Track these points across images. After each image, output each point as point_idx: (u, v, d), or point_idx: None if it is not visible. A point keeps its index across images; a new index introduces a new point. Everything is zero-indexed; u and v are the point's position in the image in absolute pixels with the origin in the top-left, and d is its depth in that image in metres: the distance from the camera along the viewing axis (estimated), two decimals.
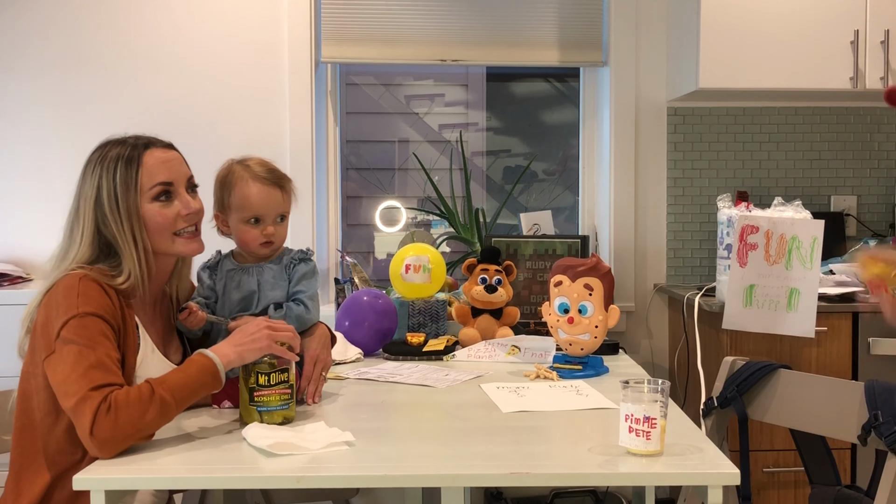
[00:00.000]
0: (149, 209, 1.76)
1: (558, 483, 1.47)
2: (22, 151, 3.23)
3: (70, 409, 1.56)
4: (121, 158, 1.75)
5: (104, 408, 1.52)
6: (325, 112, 3.45)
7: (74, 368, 1.58)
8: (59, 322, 1.63)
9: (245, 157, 1.97)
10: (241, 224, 1.92)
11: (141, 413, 1.54)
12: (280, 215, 1.95)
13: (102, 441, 1.51)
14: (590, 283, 2.15)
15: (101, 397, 1.53)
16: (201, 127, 3.24)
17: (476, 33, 3.38)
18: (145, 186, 1.75)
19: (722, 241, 2.86)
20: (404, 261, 2.52)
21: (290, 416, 1.72)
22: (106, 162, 1.75)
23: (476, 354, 2.38)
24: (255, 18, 3.28)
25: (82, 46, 3.25)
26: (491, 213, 3.46)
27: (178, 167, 1.81)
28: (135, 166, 1.74)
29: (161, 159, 1.78)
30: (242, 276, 1.95)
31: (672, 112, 3.40)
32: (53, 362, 1.61)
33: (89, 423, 1.51)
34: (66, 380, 1.57)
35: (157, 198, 1.76)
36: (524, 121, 3.95)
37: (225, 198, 1.93)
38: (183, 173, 1.82)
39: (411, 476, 1.48)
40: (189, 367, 1.64)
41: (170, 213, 1.77)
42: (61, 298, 1.65)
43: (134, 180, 1.74)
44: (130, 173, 1.74)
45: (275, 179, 1.93)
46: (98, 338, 1.62)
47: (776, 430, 2.74)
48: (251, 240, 1.93)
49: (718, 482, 1.41)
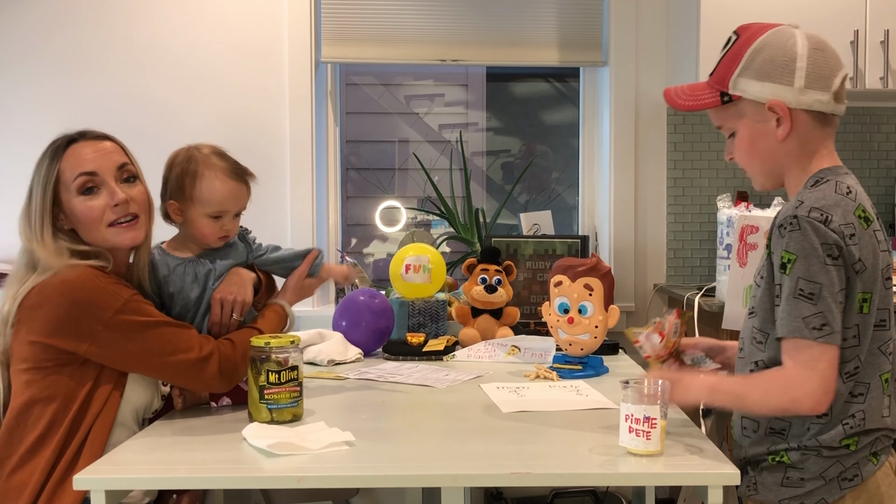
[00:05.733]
0: (76, 203, 1.73)
1: (558, 483, 1.47)
2: (21, 151, 3.22)
3: (187, 371, 1.74)
4: (45, 155, 1.75)
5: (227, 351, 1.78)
6: (325, 112, 3.45)
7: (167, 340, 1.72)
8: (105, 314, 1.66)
9: (201, 145, 1.92)
10: (202, 217, 1.89)
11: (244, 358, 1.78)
12: (240, 211, 1.94)
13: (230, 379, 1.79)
14: (590, 283, 2.15)
15: (215, 349, 1.77)
16: (201, 127, 3.24)
17: (476, 33, 3.38)
18: (68, 180, 1.73)
19: (722, 241, 2.86)
20: (404, 261, 2.52)
21: (300, 414, 1.73)
22: (38, 161, 1.76)
23: (476, 354, 2.38)
24: (255, 19, 3.28)
25: (81, 47, 3.24)
26: (491, 213, 3.46)
27: (104, 157, 1.76)
28: (56, 161, 1.73)
29: (85, 151, 1.75)
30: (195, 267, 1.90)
31: (672, 112, 3.40)
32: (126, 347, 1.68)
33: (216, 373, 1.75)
34: (165, 352, 1.71)
35: (81, 191, 1.73)
36: (524, 121, 3.95)
37: (187, 187, 1.87)
38: (112, 163, 1.76)
39: (411, 476, 1.48)
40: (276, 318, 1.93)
41: (96, 205, 1.74)
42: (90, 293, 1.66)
43: (54, 175, 1.72)
44: (52, 168, 1.73)
45: (241, 175, 1.92)
46: (151, 308, 1.74)
47: None
48: (210, 233, 1.90)
49: (718, 482, 1.41)
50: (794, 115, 1.52)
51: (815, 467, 1.49)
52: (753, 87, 1.54)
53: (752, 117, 1.55)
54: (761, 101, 1.53)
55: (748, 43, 1.55)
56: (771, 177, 1.61)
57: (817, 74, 1.51)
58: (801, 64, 1.51)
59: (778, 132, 1.53)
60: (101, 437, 1.70)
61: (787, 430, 1.52)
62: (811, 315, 1.42)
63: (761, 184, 1.63)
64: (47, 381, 1.70)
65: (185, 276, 1.89)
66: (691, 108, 1.62)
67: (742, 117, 1.57)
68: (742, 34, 1.58)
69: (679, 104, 1.63)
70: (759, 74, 1.53)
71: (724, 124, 1.61)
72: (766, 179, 1.61)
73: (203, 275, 1.89)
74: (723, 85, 1.57)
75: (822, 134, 1.55)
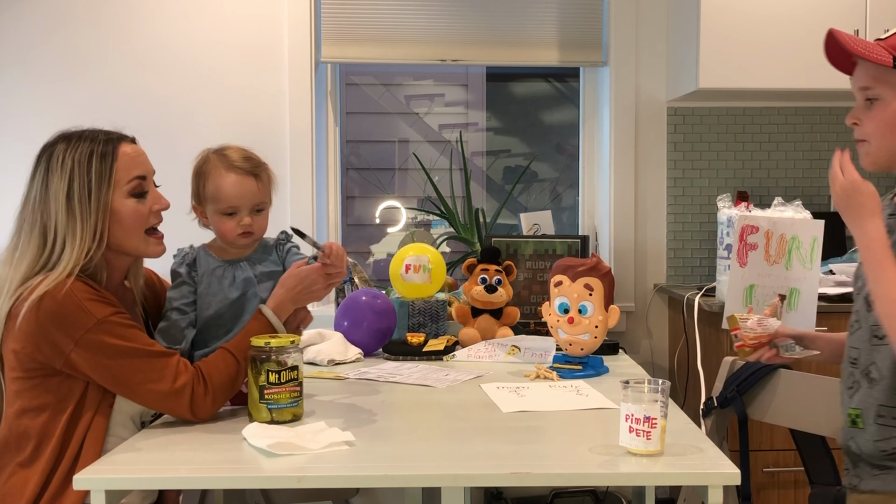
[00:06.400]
0: (124, 204, 1.72)
1: (558, 483, 1.47)
2: (20, 151, 3.22)
3: (158, 401, 1.67)
4: (94, 153, 1.70)
5: (200, 391, 1.68)
6: (325, 112, 3.45)
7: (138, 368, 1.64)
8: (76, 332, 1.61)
9: (223, 146, 1.92)
10: (217, 215, 1.89)
11: (232, 384, 1.73)
12: (257, 206, 1.90)
13: (204, 416, 1.69)
14: (590, 283, 2.15)
15: (190, 382, 1.66)
16: (201, 127, 3.24)
17: (476, 33, 3.38)
18: (122, 181, 1.71)
19: (722, 241, 2.86)
20: (404, 261, 2.52)
21: (299, 414, 1.72)
22: (77, 156, 1.69)
23: (476, 354, 2.37)
24: (255, 18, 3.28)
25: (80, 46, 3.25)
26: (491, 213, 3.46)
27: (147, 162, 1.78)
28: (109, 160, 1.70)
29: (133, 153, 1.75)
30: (234, 271, 1.90)
31: (672, 112, 3.40)
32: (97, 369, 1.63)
33: (188, 408, 1.66)
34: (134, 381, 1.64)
35: (132, 193, 1.73)
36: (524, 121, 3.95)
37: (200, 188, 1.88)
38: (151, 169, 1.79)
39: (411, 476, 1.48)
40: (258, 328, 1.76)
41: (144, 208, 1.74)
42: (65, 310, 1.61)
43: (108, 175, 1.69)
44: (105, 167, 1.69)
45: (249, 168, 1.88)
46: (129, 331, 1.67)
47: (776, 430, 2.74)
48: (228, 231, 1.89)
49: (718, 482, 1.41)
50: None
51: None
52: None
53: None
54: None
55: None
56: (891, 156, 1.60)
57: None
58: None
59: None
60: (96, 447, 1.69)
61: None
62: None
63: (875, 160, 1.63)
64: (35, 392, 1.68)
65: (223, 278, 1.90)
66: (861, 54, 1.59)
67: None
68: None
69: (852, 46, 1.60)
70: None
71: (875, 87, 1.60)
72: (884, 157, 1.61)
73: (241, 280, 1.89)
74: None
75: None
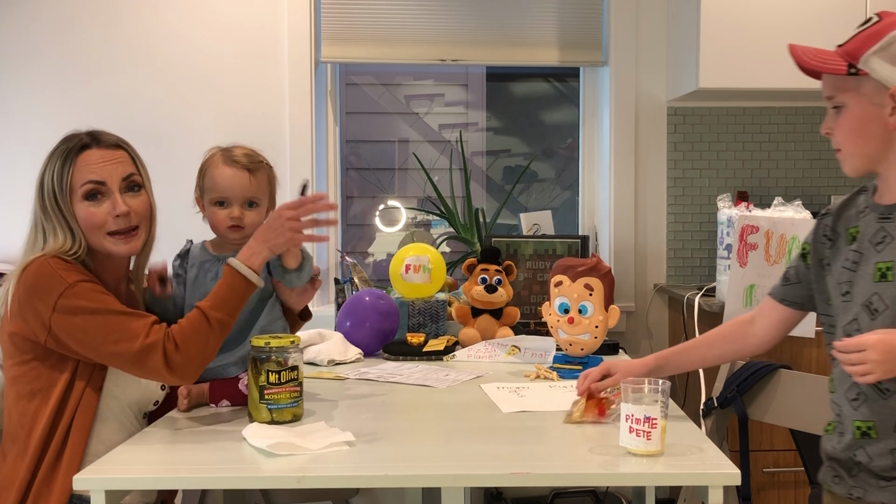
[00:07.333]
0: (79, 208, 1.76)
1: (558, 483, 1.47)
2: (20, 151, 3.23)
3: (131, 360, 1.65)
4: (60, 154, 1.77)
5: (171, 347, 1.65)
6: (325, 112, 3.45)
7: (109, 329, 1.65)
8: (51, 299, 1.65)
9: (231, 145, 1.96)
10: (210, 206, 1.93)
11: (205, 341, 1.69)
12: (249, 200, 1.92)
13: (182, 374, 1.67)
14: (590, 283, 2.15)
15: (162, 338, 1.65)
16: (201, 127, 3.24)
17: (476, 33, 3.38)
18: (76, 185, 1.75)
19: (722, 241, 2.86)
20: (404, 261, 2.52)
21: (300, 414, 1.73)
22: (52, 155, 1.78)
23: (476, 354, 2.38)
24: (255, 18, 3.28)
25: (81, 48, 3.24)
26: (491, 213, 3.46)
27: (113, 167, 1.78)
28: (69, 164, 1.75)
29: (95, 159, 1.77)
30: (220, 266, 1.90)
31: (672, 112, 3.40)
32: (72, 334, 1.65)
33: (163, 364, 1.64)
34: (107, 341, 1.65)
35: (86, 197, 1.76)
36: (524, 121, 3.95)
37: (200, 179, 1.95)
38: (118, 174, 1.78)
39: (411, 476, 1.48)
40: (224, 282, 1.74)
41: (99, 212, 1.76)
42: (41, 280, 1.67)
43: (67, 178, 1.75)
44: (64, 171, 1.75)
45: (246, 164, 1.92)
46: (101, 296, 1.69)
47: (776, 430, 2.74)
48: (219, 222, 1.93)
49: (719, 482, 1.41)
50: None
51: None
52: (884, 70, 1.54)
53: (871, 98, 1.56)
54: (886, 85, 1.54)
55: (890, 27, 1.55)
56: (866, 160, 1.62)
57: None
58: None
59: (890, 119, 1.55)
60: (82, 434, 1.70)
61: None
62: None
63: (853, 166, 1.64)
64: (28, 377, 1.71)
65: (208, 271, 1.93)
66: (817, 68, 1.61)
67: (860, 95, 1.57)
68: (885, 18, 1.58)
69: (805, 62, 1.61)
70: (892, 59, 1.54)
71: (837, 96, 1.61)
72: (859, 162, 1.63)
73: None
74: (853, 58, 1.56)
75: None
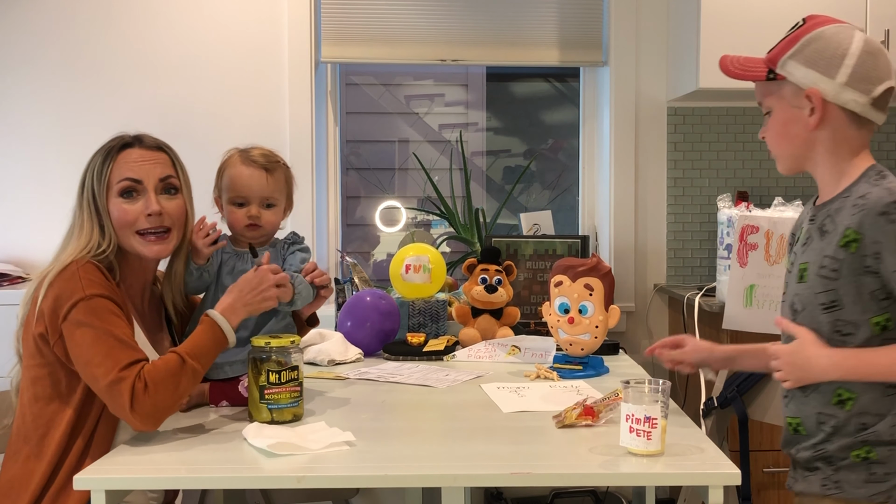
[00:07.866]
0: (114, 204, 1.78)
1: (558, 483, 1.47)
2: (22, 152, 3.23)
3: (102, 390, 1.62)
4: (103, 152, 1.80)
5: (140, 386, 1.59)
6: (325, 112, 3.45)
7: (96, 350, 1.62)
8: (66, 306, 1.65)
9: (249, 146, 1.99)
10: (228, 205, 1.96)
11: (175, 385, 1.62)
12: (266, 200, 1.95)
13: (144, 417, 1.59)
14: (590, 283, 2.15)
15: (133, 376, 1.60)
16: (201, 127, 3.24)
17: (476, 33, 3.38)
18: (113, 181, 1.78)
19: (722, 241, 2.86)
20: (404, 261, 2.52)
21: (300, 414, 1.73)
22: (96, 153, 1.81)
23: (476, 354, 2.37)
24: (255, 19, 3.28)
25: (81, 48, 3.24)
26: (491, 213, 3.46)
27: (151, 167, 1.80)
28: (109, 161, 1.78)
29: (135, 157, 1.79)
30: (236, 261, 1.96)
31: (672, 112, 3.40)
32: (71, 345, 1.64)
33: (128, 403, 1.58)
34: (90, 362, 1.62)
35: (121, 194, 1.78)
36: (524, 121, 3.95)
37: (219, 180, 1.97)
38: (155, 174, 1.80)
39: (411, 476, 1.48)
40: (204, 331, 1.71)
41: (132, 210, 1.78)
42: (65, 284, 1.67)
43: (105, 174, 1.78)
44: (104, 167, 1.78)
45: (263, 164, 1.95)
46: (110, 317, 1.67)
47: (776, 430, 2.73)
48: (236, 221, 1.95)
49: (719, 482, 1.41)
50: (829, 108, 1.57)
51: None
52: (798, 72, 1.58)
53: (790, 101, 1.61)
54: (801, 87, 1.58)
55: (808, 30, 1.59)
56: (794, 160, 1.67)
57: (861, 76, 1.55)
58: (850, 62, 1.55)
59: (809, 120, 1.58)
60: (106, 439, 1.71)
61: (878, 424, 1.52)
62: None
63: (783, 166, 1.70)
64: (48, 381, 1.71)
65: (224, 265, 1.95)
66: (738, 76, 1.66)
67: (781, 98, 1.62)
68: (808, 21, 1.62)
69: (730, 71, 1.67)
70: (806, 61, 1.57)
71: (764, 101, 1.67)
72: (788, 162, 1.68)
73: (239, 272, 1.91)
74: (773, 63, 1.62)
75: (858, 135, 1.60)
